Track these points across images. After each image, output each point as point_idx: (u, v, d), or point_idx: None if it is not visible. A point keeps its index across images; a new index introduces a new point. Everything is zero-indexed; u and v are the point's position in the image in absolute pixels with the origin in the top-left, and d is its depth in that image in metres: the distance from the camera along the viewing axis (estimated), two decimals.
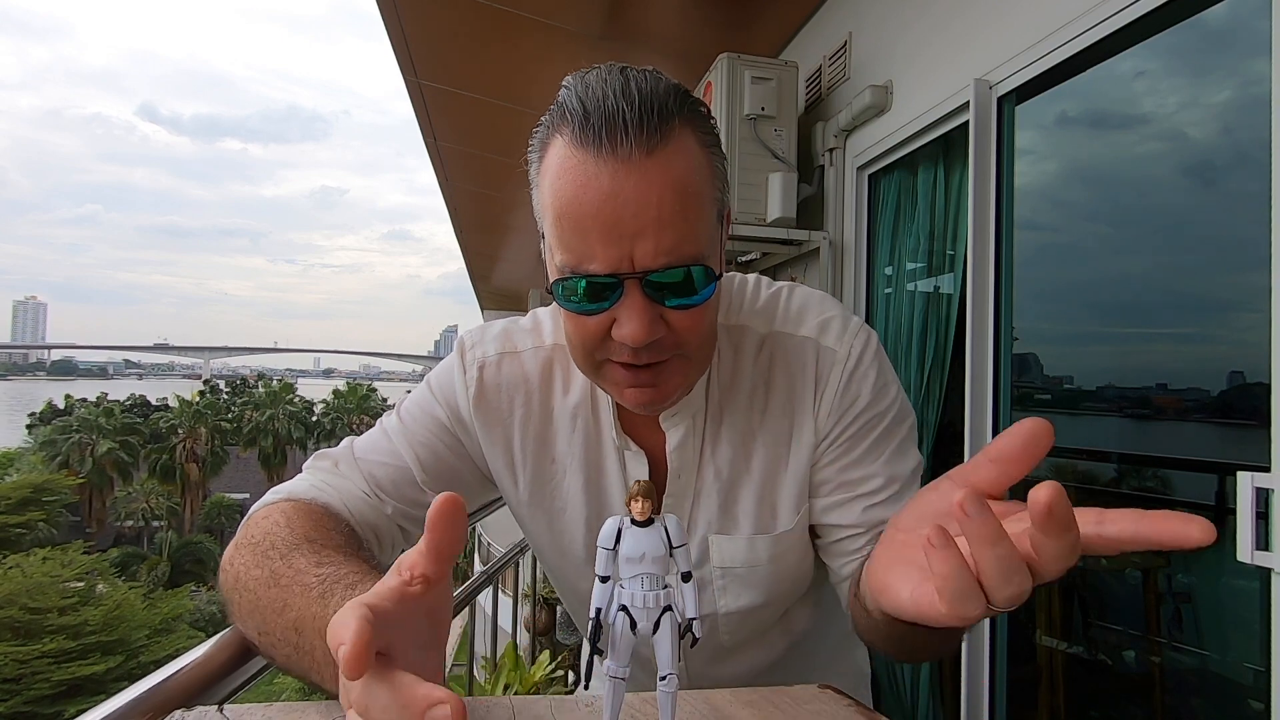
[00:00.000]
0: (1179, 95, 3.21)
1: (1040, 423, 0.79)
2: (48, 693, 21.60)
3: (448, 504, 0.76)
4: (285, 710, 1.04)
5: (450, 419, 1.50)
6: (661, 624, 0.83)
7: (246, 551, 1.24)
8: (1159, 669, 3.18)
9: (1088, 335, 3.66)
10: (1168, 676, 3.14)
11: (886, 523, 1.20)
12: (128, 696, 1.04)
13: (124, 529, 54.69)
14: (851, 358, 1.42)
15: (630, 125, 1.11)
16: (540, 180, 1.23)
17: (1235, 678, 2.89)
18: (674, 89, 1.17)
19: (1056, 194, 3.80)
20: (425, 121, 8.09)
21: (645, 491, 0.84)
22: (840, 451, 1.43)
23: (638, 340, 1.16)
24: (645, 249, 1.12)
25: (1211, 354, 2.98)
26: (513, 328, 1.58)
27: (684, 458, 1.45)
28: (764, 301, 1.50)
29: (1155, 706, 3.22)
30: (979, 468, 0.84)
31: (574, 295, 1.19)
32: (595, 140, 1.11)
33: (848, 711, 1.11)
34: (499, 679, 4.39)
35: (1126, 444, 3.44)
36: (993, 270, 3.67)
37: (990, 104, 3.69)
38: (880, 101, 4.59)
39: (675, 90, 1.17)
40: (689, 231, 1.16)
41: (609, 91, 1.13)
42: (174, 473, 57.11)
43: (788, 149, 5.14)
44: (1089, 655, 3.53)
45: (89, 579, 25.99)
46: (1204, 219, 3.10)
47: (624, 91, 1.13)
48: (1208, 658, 3.02)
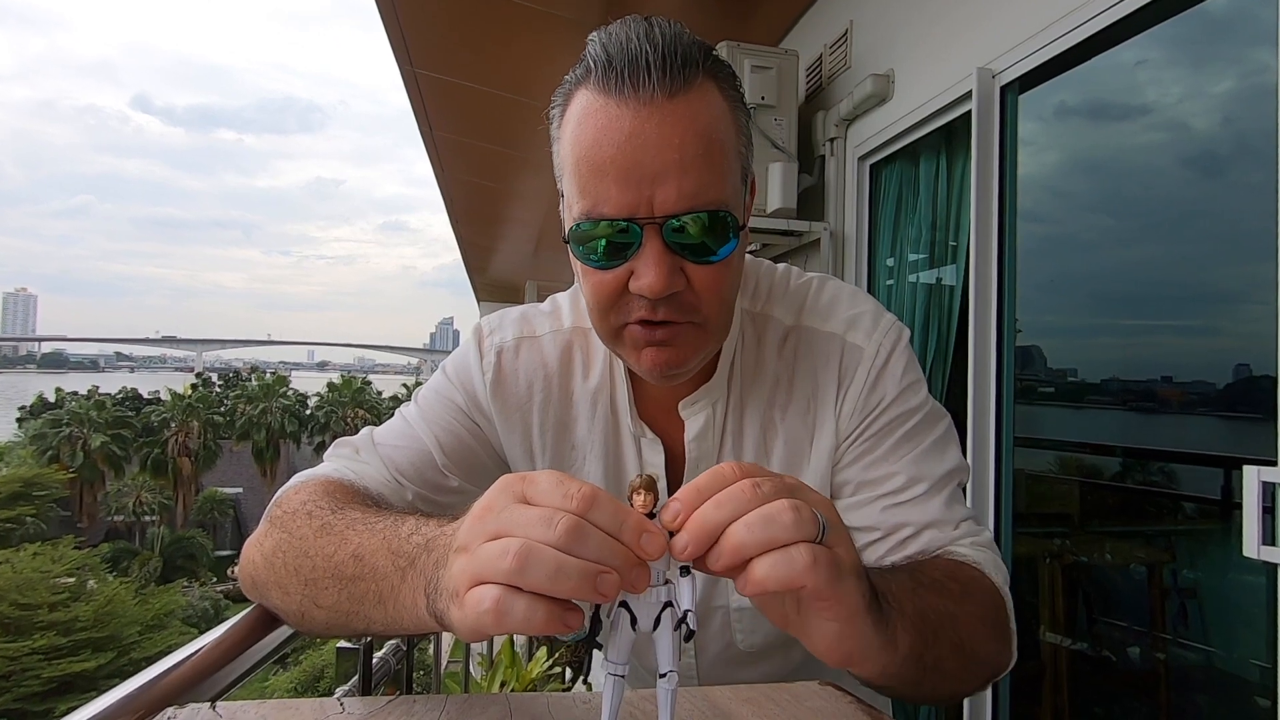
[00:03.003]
0: (1182, 85, 3.21)
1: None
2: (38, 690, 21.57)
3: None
4: (279, 707, 1.04)
5: (468, 405, 1.49)
6: (662, 620, 0.82)
7: (283, 523, 1.25)
8: (1164, 666, 3.17)
9: (1092, 327, 3.66)
10: (1173, 673, 3.14)
11: (909, 526, 1.19)
12: (119, 694, 1.05)
13: (115, 524, 54.61)
14: (880, 356, 1.38)
15: (653, 66, 1.10)
16: (561, 134, 1.22)
17: (1241, 674, 2.89)
18: (699, 42, 1.17)
19: (1059, 185, 3.80)
20: (421, 111, 8.07)
21: (647, 485, 0.83)
22: (862, 450, 1.39)
23: (656, 291, 1.14)
24: (666, 193, 1.11)
25: (1217, 346, 2.98)
26: (531, 312, 1.56)
27: (703, 447, 1.43)
28: (792, 292, 1.48)
29: (1160, 704, 3.22)
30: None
31: (592, 248, 1.17)
32: (618, 83, 1.11)
33: (850, 708, 1.10)
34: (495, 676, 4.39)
35: (1131, 438, 3.44)
36: (995, 262, 3.67)
37: (993, 93, 3.69)
38: (882, 91, 4.58)
39: (700, 43, 1.17)
40: (712, 178, 1.14)
41: (633, 35, 1.13)
42: (166, 467, 57.02)
43: (788, 139, 5.13)
44: (1093, 652, 3.53)
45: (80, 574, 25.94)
46: (1209, 210, 3.10)
47: (647, 35, 1.13)
48: (1213, 654, 3.02)
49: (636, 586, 0.79)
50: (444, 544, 0.94)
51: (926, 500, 1.34)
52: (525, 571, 0.76)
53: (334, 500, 1.25)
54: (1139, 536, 3.44)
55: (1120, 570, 3.54)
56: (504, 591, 0.78)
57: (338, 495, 1.27)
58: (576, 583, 0.76)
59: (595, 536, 0.78)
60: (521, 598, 0.78)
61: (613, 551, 0.78)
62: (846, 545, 0.88)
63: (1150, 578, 3.30)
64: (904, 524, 1.32)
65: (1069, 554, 3.72)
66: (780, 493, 0.83)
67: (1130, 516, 3.52)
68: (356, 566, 1.07)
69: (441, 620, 0.91)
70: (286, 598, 1.20)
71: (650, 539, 0.79)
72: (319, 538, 1.16)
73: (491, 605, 0.78)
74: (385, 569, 1.02)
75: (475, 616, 0.80)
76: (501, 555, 0.78)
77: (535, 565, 0.76)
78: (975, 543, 1.32)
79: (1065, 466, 3.80)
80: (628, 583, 0.78)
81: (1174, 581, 3.18)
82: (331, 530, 1.15)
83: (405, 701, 1.07)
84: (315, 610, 1.16)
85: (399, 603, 1.00)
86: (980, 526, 1.37)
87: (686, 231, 1.14)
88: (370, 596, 1.05)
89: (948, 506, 1.35)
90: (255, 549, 1.29)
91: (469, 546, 0.84)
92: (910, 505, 1.34)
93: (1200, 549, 3.14)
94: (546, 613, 0.78)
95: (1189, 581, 3.15)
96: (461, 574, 0.83)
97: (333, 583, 1.11)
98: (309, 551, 1.16)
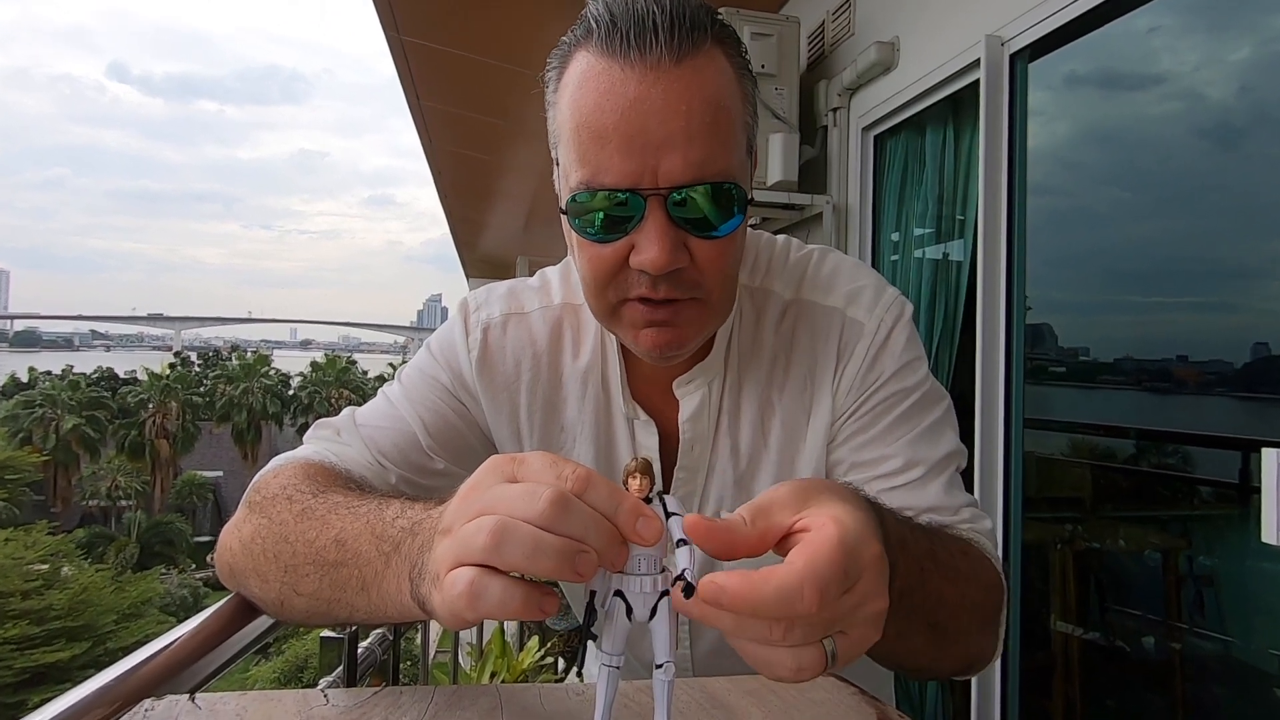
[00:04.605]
0: (1198, 52, 3.20)
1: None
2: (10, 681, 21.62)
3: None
4: (260, 699, 1.04)
5: (454, 384, 1.48)
6: (659, 610, 0.81)
7: (261, 508, 1.25)
8: (1180, 656, 3.18)
9: (1104, 304, 3.66)
10: (1189, 664, 3.14)
11: (907, 511, 1.18)
12: (94, 685, 1.04)
13: (90, 508, 54.70)
14: (880, 332, 1.38)
15: (661, 29, 1.09)
16: (558, 99, 1.20)
17: (1260, 665, 2.89)
18: (706, 5, 1.15)
19: (1071, 156, 3.79)
20: (409, 81, 8.03)
21: (642, 468, 0.82)
22: (856, 429, 1.38)
23: (659, 266, 1.13)
24: (671, 163, 1.10)
25: (1235, 324, 2.97)
26: (519, 287, 1.55)
27: (698, 429, 1.42)
28: (792, 265, 1.47)
29: (1176, 695, 3.23)
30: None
31: (590, 220, 1.16)
32: (623, 45, 1.10)
33: (853, 699, 1.10)
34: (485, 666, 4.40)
35: (1145, 419, 3.44)
36: (1004, 236, 3.65)
37: (1002, 62, 3.67)
38: (886, 59, 4.56)
39: (706, 7, 1.15)
40: (719, 148, 1.13)
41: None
42: (143, 449, 57.09)
43: (789, 109, 5.11)
44: (1106, 642, 3.54)
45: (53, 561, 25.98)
46: (1226, 182, 3.09)
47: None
48: (1231, 644, 3.02)
49: (615, 564, 0.79)
50: (429, 527, 0.93)
51: (925, 484, 1.34)
52: (501, 548, 0.76)
53: (315, 484, 1.24)
54: (1153, 522, 3.44)
55: (1134, 557, 3.54)
56: (479, 573, 0.78)
57: (319, 478, 1.26)
58: (555, 562, 0.75)
59: (579, 512, 0.77)
60: (497, 580, 0.78)
61: (597, 528, 0.77)
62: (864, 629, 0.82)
63: (1165, 565, 3.30)
64: (903, 509, 1.24)
65: (1081, 540, 3.73)
66: (826, 627, 0.77)
67: (1144, 501, 3.52)
68: (338, 552, 1.06)
69: (424, 606, 0.90)
70: (265, 586, 1.20)
71: (646, 524, 0.78)
72: (299, 522, 1.15)
73: (465, 588, 0.78)
74: (369, 554, 1.02)
75: (450, 600, 0.79)
76: (477, 533, 0.77)
77: (512, 542, 0.76)
78: (974, 529, 1.31)
79: (1077, 449, 3.80)
80: (607, 561, 0.78)
81: (1190, 569, 3.18)
82: (312, 515, 1.14)
83: (391, 693, 1.07)
84: (295, 598, 1.15)
85: (382, 589, 0.99)
86: (981, 514, 1.37)
87: (691, 204, 1.13)
88: (353, 583, 1.04)
89: (947, 491, 1.34)
90: (233, 535, 1.28)
91: (452, 528, 0.83)
92: (908, 489, 1.33)
93: (1217, 535, 3.14)
94: (524, 596, 0.78)
95: (1205, 569, 3.15)
96: (444, 557, 0.83)
97: (313, 569, 1.10)
98: (289, 537, 1.15)
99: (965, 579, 1.16)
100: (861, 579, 0.78)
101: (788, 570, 0.73)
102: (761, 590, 0.72)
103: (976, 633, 1.21)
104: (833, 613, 0.76)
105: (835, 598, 0.75)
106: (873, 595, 0.80)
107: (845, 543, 0.76)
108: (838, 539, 0.76)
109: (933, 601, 1.07)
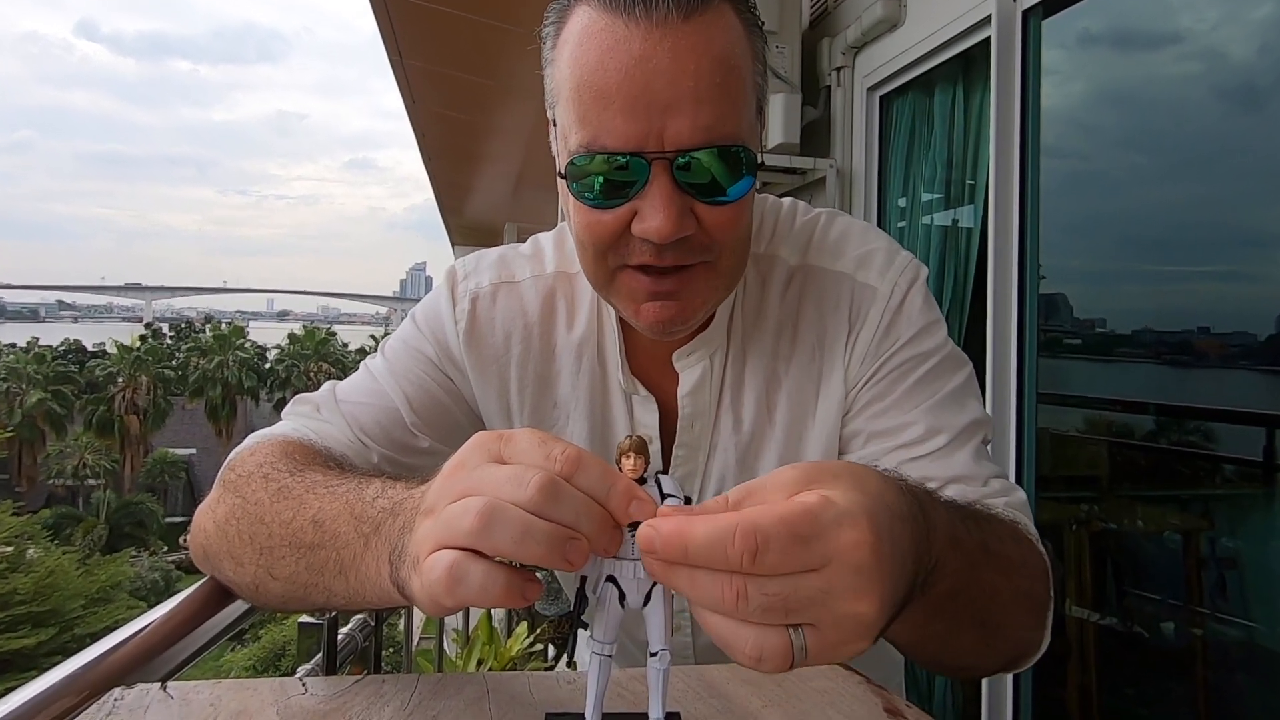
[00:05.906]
0: (1218, 10, 3.19)
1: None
2: None
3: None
4: (235, 687, 1.04)
5: (439, 357, 1.47)
6: (653, 596, 0.81)
7: (236, 487, 1.24)
8: (1201, 642, 3.19)
9: (1121, 273, 3.66)
10: (1210, 650, 3.15)
11: (932, 482, 1.16)
12: (62, 673, 1.04)
13: (57, 487, 54.68)
14: (895, 296, 1.36)
15: None
16: (556, 56, 1.19)
17: None
18: None
19: (1085, 118, 3.79)
20: (391, 39, 7.99)
21: (637, 447, 0.82)
22: (873, 396, 1.36)
23: (664, 235, 1.11)
24: (679, 126, 1.09)
25: (1258, 294, 2.97)
26: (510, 254, 1.53)
27: (699, 403, 1.41)
28: (798, 229, 1.45)
29: (1197, 683, 3.23)
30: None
31: (589, 184, 1.15)
32: (627, 0, 1.08)
33: (859, 689, 1.10)
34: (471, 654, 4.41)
35: (1164, 394, 3.44)
36: (1017, 202, 3.65)
37: (1014, 18, 3.66)
38: (893, 15, 4.54)
39: None
40: (729, 110, 1.12)
41: None
42: (112, 426, 56.97)
43: (790, 68, 5.09)
44: (1123, 627, 3.55)
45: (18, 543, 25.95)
46: (1247, 146, 3.08)
47: None
48: (1255, 629, 3.03)
49: (609, 550, 0.79)
50: (411, 507, 0.92)
51: (950, 453, 1.30)
52: (488, 532, 0.75)
53: (292, 462, 1.23)
54: (1173, 502, 3.44)
55: (1153, 538, 3.54)
56: (459, 556, 0.77)
57: (296, 456, 1.26)
58: (544, 548, 0.74)
59: (570, 496, 0.76)
60: (478, 564, 0.77)
61: (589, 513, 0.77)
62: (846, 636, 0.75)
63: (1186, 546, 3.30)
64: (926, 479, 1.20)
65: (1097, 520, 3.73)
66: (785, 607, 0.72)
67: (1164, 480, 3.53)
68: (316, 533, 1.05)
69: (404, 591, 0.89)
70: (240, 569, 1.19)
71: (640, 506, 0.77)
72: (275, 502, 1.14)
73: (443, 572, 0.77)
74: (347, 535, 1.01)
75: (429, 584, 0.79)
76: (463, 514, 0.76)
77: (500, 526, 0.75)
78: (1009, 503, 1.26)
79: (1093, 425, 3.80)
80: (599, 547, 0.77)
81: (1212, 551, 3.19)
82: (289, 494, 1.13)
83: (373, 681, 1.07)
84: (271, 582, 1.14)
85: (361, 573, 0.98)
86: (1012, 485, 1.34)
87: (698, 168, 1.11)
88: (331, 566, 1.03)
89: (975, 461, 1.31)
90: (207, 516, 1.27)
91: (436, 509, 0.82)
92: (931, 459, 1.30)
93: (1240, 515, 3.14)
94: (506, 582, 0.77)
95: (1228, 550, 3.16)
96: (425, 538, 0.82)
97: (290, 551, 1.09)
98: (264, 518, 1.14)
99: (1017, 569, 1.12)
100: (832, 565, 0.71)
101: (725, 514, 0.71)
102: (691, 530, 0.71)
103: (1027, 625, 1.18)
104: (788, 589, 0.71)
105: (779, 563, 0.70)
106: (850, 593, 0.72)
107: (811, 512, 0.71)
108: (803, 506, 0.71)
109: (985, 597, 1.04)
